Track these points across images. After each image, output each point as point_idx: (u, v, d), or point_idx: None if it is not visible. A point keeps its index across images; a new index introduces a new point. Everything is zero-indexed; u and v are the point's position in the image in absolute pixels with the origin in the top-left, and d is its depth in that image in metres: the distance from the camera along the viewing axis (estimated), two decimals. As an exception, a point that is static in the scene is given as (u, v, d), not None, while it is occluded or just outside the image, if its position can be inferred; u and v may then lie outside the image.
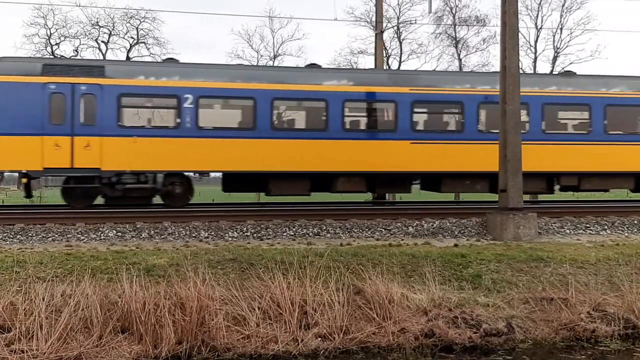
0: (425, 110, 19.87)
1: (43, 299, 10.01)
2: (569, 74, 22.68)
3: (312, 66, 20.59)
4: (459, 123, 19.90)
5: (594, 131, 20.42)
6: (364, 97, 19.37)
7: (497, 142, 16.60)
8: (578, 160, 20.16)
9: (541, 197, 24.59)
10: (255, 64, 43.64)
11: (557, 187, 21.17)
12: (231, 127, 18.67)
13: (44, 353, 9.35)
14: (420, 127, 19.75)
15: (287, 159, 18.52)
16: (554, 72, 41.21)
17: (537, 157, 19.54)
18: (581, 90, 20.65)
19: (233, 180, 19.33)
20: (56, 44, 41.30)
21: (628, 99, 20.83)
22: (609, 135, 20.50)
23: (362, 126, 19.51)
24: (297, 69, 22.84)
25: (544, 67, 45.07)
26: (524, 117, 19.36)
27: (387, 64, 41.20)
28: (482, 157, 19.04)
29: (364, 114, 19.59)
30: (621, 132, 20.76)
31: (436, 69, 42.42)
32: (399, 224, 16.23)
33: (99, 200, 18.82)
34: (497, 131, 17.07)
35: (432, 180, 20.36)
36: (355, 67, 42.80)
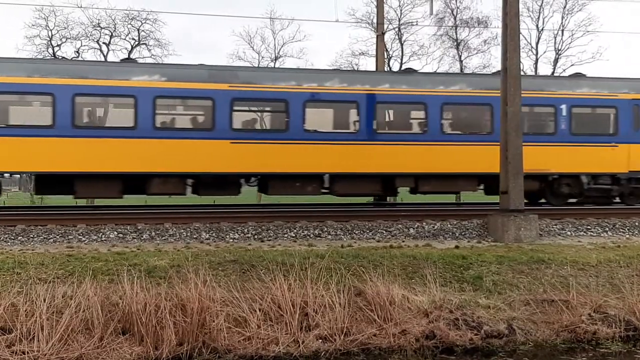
0: (246, 108, 18.95)
1: (44, 300, 10.01)
2: (408, 71, 22.14)
3: (126, 60, 19.68)
4: (283, 122, 18.81)
5: (430, 131, 19.54)
6: (179, 93, 18.36)
7: (326, 142, 16.54)
8: (413, 161, 19.28)
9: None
10: (257, 65, 43.71)
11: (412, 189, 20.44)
12: (31, 124, 17.47)
13: (45, 354, 9.35)
14: (240, 126, 18.72)
15: (93, 159, 17.40)
16: (555, 74, 41.30)
17: (368, 159, 18.91)
18: (416, 89, 19.72)
19: (44, 183, 18.38)
20: (57, 45, 41.41)
21: (467, 97, 20.00)
22: (447, 135, 19.71)
23: (177, 125, 18.54)
24: (104, 63, 22.05)
25: (545, 69, 45.15)
26: (354, 116, 19.06)
27: (389, 65, 41.26)
28: (310, 157, 18.42)
29: (179, 112, 18.84)
30: (460, 132, 20.04)
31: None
32: (399, 225, 16.23)
33: None
34: (327, 130, 17.12)
35: (260, 182, 19.57)
36: (356, 68, 42.86)
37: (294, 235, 15.52)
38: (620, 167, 20.65)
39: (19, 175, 19.58)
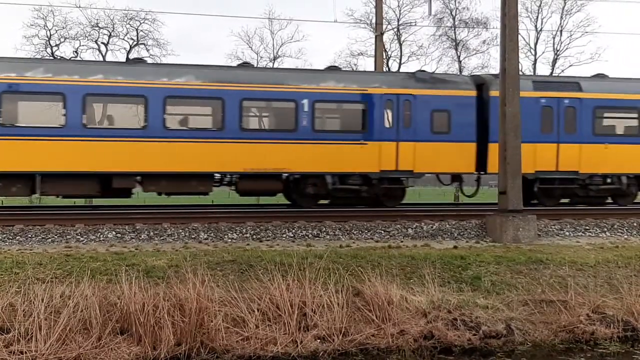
0: None
1: (42, 300, 10.00)
2: (132, 62, 21.15)
3: None
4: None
5: (150, 126, 17.94)
6: None
7: (33, 137, 16.48)
8: (132, 159, 17.79)
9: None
10: (255, 65, 43.67)
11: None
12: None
13: (43, 354, 9.35)
14: None
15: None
16: (554, 74, 41.34)
17: (79, 156, 17.40)
18: (135, 80, 18.03)
19: None
20: (56, 45, 41.44)
21: (195, 90, 18.37)
22: (171, 132, 18.16)
23: None
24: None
25: (544, 70, 45.15)
26: (61, 109, 17.43)
27: (387, 65, 41.26)
28: (18, 155, 17.02)
29: None
30: (188, 128, 18.63)
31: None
32: (398, 225, 16.23)
33: None
34: (34, 125, 16.81)
35: None
36: (355, 69, 42.85)
37: (292, 235, 15.52)
38: (370, 167, 19.24)
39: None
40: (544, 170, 20.19)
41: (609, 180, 20.72)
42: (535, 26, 44.13)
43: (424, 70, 21.29)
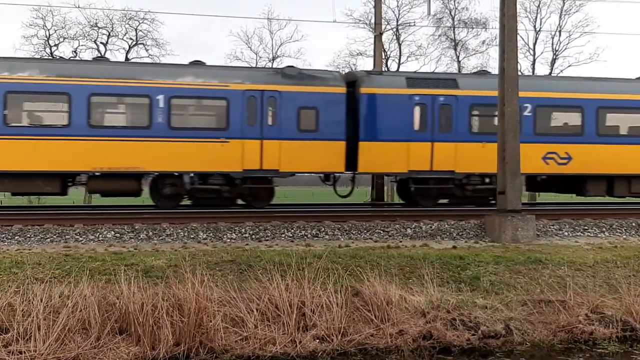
0: None
1: (41, 300, 9.99)
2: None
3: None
4: None
5: None
6: None
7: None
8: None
9: (540, 199, 24.59)
10: (255, 65, 43.68)
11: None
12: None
13: (42, 354, 9.34)
14: None
15: None
16: (554, 74, 41.36)
17: None
18: None
19: None
20: (55, 45, 41.43)
21: (38, 85, 17.62)
22: (10, 128, 17.50)
23: None
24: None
25: (542, 70, 45.20)
26: None
27: (386, 65, 41.27)
28: None
29: None
30: (26, 125, 17.91)
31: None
32: (397, 225, 16.23)
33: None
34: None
35: None
36: (353, 69, 42.85)
37: (291, 235, 15.51)
38: (233, 166, 18.53)
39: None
40: (418, 170, 19.60)
41: (487, 180, 19.94)
42: (534, 26, 44.19)
43: (292, 66, 20.48)
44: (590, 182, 20.86)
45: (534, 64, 44.01)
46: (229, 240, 14.98)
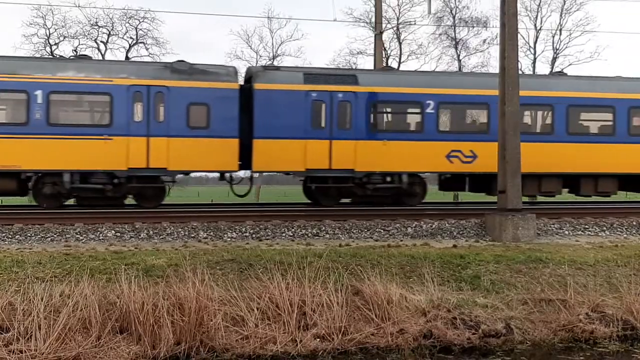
0: None
1: (41, 299, 9.99)
2: None
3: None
4: None
5: None
6: None
7: None
8: None
9: (540, 199, 24.56)
10: (255, 64, 43.68)
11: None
12: None
13: (43, 353, 9.33)
14: None
15: None
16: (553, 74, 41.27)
17: None
18: None
19: None
20: (55, 44, 41.41)
21: None
22: None
23: None
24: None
25: (543, 68, 45.17)
26: None
27: (387, 64, 41.24)
28: None
29: None
30: None
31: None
32: (397, 224, 16.23)
33: None
34: None
35: None
36: (354, 67, 42.83)
37: (292, 234, 15.52)
38: (117, 164, 17.83)
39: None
40: (316, 169, 18.99)
41: (388, 179, 19.57)
42: (535, 25, 44.13)
43: (183, 61, 19.51)
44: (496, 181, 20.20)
45: (534, 62, 44.01)
46: (229, 239, 14.99)
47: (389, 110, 19.96)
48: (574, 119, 20.48)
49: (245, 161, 18.94)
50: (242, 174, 20.40)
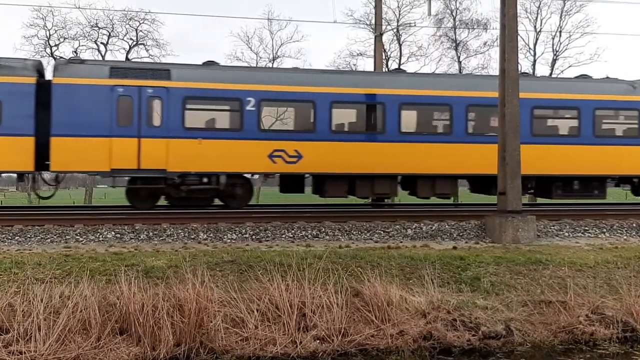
0: None
1: (41, 301, 9.99)
2: None
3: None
4: None
5: None
6: None
7: None
8: None
9: (540, 200, 24.56)
10: (256, 65, 43.69)
11: None
12: None
13: (42, 355, 9.33)
14: None
15: None
16: (552, 75, 41.35)
17: None
18: None
19: None
20: (55, 45, 41.41)
21: None
22: None
23: None
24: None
25: (543, 70, 45.19)
26: None
27: (387, 66, 41.25)
28: None
29: None
30: None
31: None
32: (397, 226, 16.23)
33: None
34: None
35: None
36: (354, 69, 42.86)
37: (291, 235, 15.51)
38: None
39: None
40: (123, 169, 17.95)
41: (205, 180, 18.58)
42: (535, 27, 44.11)
43: None
44: (329, 182, 19.34)
45: (534, 64, 44.01)
46: (229, 240, 14.98)
47: (205, 107, 18.82)
48: (407, 119, 19.62)
49: (42, 161, 17.85)
50: (48, 175, 19.43)
